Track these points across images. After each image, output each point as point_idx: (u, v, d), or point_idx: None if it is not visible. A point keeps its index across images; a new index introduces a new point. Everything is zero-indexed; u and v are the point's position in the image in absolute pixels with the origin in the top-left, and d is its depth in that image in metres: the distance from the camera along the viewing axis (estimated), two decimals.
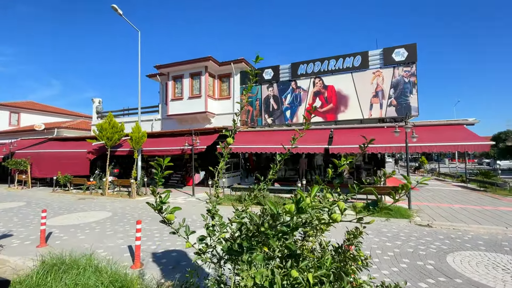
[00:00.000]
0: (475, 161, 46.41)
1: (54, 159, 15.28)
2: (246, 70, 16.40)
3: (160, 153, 13.76)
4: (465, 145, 9.18)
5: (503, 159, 30.85)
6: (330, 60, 14.11)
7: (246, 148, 12.57)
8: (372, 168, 15.08)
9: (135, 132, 12.41)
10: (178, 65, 16.11)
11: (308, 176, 16.17)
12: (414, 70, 12.67)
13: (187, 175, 16.41)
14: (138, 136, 12.39)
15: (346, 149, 10.61)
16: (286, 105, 15.04)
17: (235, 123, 2.25)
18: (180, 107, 16.37)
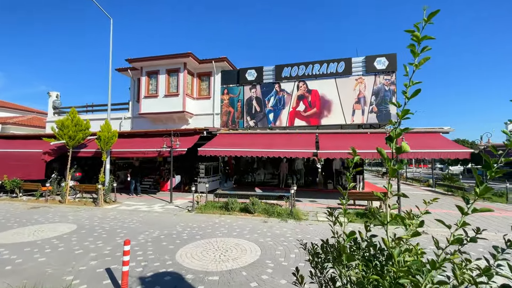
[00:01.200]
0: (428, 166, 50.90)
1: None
2: (228, 69, 15.70)
3: (132, 155, 12.37)
4: (447, 152, 9.59)
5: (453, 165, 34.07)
6: (315, 65, 14.06)
7: (226, 151, 11.85)
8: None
9: (104, 131, 10.95)
10: (154, 59, 14.84)
11: (289, 181, 15.94)
12: (394, 79, 13.13)
13: (161, 179, 15.09)
14: (108, 136, 10.95)
15: (336, 154, 10.47)
16: (269, 108, 14.63)
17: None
18: (154, 106, 15.08)
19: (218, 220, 8.36)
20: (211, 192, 12.07)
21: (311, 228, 7.50)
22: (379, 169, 37.52)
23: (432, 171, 16.99)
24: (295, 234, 6.88)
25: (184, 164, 17.44)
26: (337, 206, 10.35)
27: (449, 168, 33.50)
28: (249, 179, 16.88)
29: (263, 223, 8.01)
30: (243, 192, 10.81)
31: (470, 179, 24.58)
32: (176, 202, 11.22)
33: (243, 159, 17.04)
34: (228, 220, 8.35)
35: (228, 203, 9.29)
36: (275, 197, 9.91)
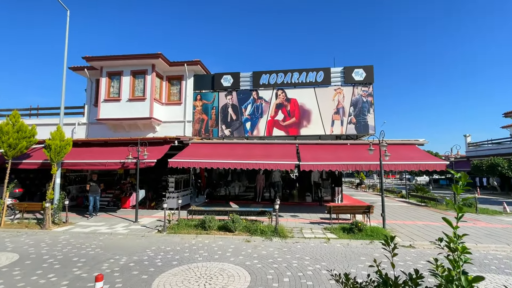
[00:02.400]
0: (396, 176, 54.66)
1: None
2: (202, 73, 15.34)
3: (90, 167, 11.24)
4: (427, 164, 10.26)
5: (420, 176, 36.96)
6: (294, 73, 14.36)
7: (200, 162, 11.40)
8: (330, 185, 15.67)
9: (55, 139, 9.78)
10: (117, 59, 13.93)
11: (266, 194, 15.78)
12: (371, 90, 13.91)
13: (122, 194, 13.92)
14: (61, 145, 9.80)
15: (320, 166, 10.60)
16: (246, 116, 14.50)
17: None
18: (116, 110, 14.05)
19: (195, 241, 7.83)
20: (183, 208, 11.40)
21: (299, 246, 7.35)
22: (352, 180, 39.27)
23: (405, 182, 18.09)
24: (283, 254, 6.66)
25: (149, 176, 16.41)
26: (321, 220, 10.39)
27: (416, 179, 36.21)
28: (222, 193, 16.38)
29: (246, 243, 7.67)
30: (221, 208, 10.36)
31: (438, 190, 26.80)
32: (142, 221, 10.35)
33: (216, 171, 16.55)
34: (206, 241, 7.86)
35: (204, 221, 8.79)
36: (256, 213, 9.64)
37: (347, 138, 14.68)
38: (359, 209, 9.74)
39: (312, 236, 8.18)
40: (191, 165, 11.30)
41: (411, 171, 39.22)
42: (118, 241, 7.89)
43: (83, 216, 11.40)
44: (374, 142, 9.81)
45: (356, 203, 15.05)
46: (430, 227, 9.50)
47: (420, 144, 12.65)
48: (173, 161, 11.21)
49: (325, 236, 8.15)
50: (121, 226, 9.59)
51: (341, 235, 8.21)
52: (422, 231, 8.90)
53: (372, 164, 10.42)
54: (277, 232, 8.20)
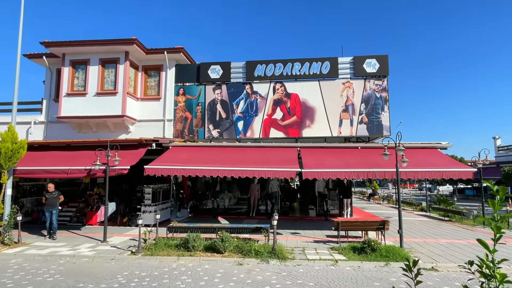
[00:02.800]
0: (415, 185, 55.32)
1: None
2: (185, 63, 15.33)
3: (49, 175, 11.12)
4: (449, 171, 10.39)
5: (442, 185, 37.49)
6: (295, 63, 14.44)
7: (182, 169, 11.36)
8: (337, 196, 15.74)
9: (6, 141, 9.59)
10: (83, 45, 13.85)
11: (262, 207, 15.76)
12: (386, 84, 14.07)
13: (87, 208, 13.73)
14: (13, 148, 9.61)
15: (326, 173, 10.63)
16: (238, 114, 14.51)
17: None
18: (81, 107, 13.96)
19: (176, 265, 7.75)
20: (161, 225, 11.28)
21: (301, 270, 7.33)
22: (363, 190, 39.55)
23: (426, 192, 18.30)
24: (282, 280, 6.63)
25: (120, 186, 16.25)
26: (327, 239, 10.40)
27: (438, 189, 36.66)
28: (209, 206, 16.31)
29: (237, 266, 7.62)
30: (208, 224, 10.29)
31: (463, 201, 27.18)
32: (112, 240, 10.21)
33: (202, 180, 16.47)
34: (190, 264, 7.79)
35: (188, 240, 8.72)
36: (250, 230, 9.64)
37: (357, 140, 14.80)
38: (372, 224, 9.77)
39: (316, 257, 8.17)
40: (171, 172, 11.20)
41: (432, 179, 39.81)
42: (82, 266, 7.75)
43: (40, 234, 11.18)
44: (390, 146, 9.87)
45: (368, 218, 15.14)
46: (455, 246, 9.59)
47: (443, 147, 12.81)
48: (150, 168, 11.10)
49: (332, 257, 8.15)
50: (86, 246, 9.44)
51: (351, 256, 8.22)
52: (446, 250, 8.97)
53: (387, 172, 10.50)
54: (275, 253, 8.17)
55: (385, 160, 9.94)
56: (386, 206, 23.30)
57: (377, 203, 25.64)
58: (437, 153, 12.34)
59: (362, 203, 26.31)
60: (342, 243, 9.44)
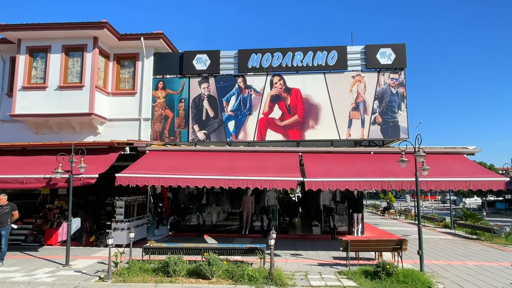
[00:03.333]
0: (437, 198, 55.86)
1: None
2: (166, 51, 15.36)
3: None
4: (478, 181, 10.48)
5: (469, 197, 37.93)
6: (296, 53, 14.54)
7: (161, 178, 11.33)
8: (346, 210, 15.81)
9: None
10: (43, 28, 13.81)
11: (257, 223, 15.76)
12: (403, 78, 14.23)
13: (46, 225, 13.61)
14: None
15: (332, 183, 10.67)
16: (228, 113, 14.55)
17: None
18: (40, 103, 13.93)
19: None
20: (136, 245, 11.21)
21: None
22: (377, 203, 39.78)
23: (450, 206, 18.48)
24: None
25: (87, 199, 16.16)
26: (334, 261, 10.43)
27: (464, 202, 37.05)
28: (193, 222, 16.25)
29: None
30: (192, 244, 10.26)
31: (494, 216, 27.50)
32: (76, 263, 10.13)
33: (185, 191, 16.40)
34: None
35: (168, 263, 8.67)
36: (243, 251, 9.62)
37: (369, 144, 14.91)
38: (387, 244, 9.81)
39: (321, 283, 8.17)
40: (148, 182, 11.14)
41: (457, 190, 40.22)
42: None
43: None
44: (408, 151, 9.98)
45: (383, 236, 15.23)
46: (485, 269, 9.68)
47: (469, 153, 12.97)
48: (123, 177, 11.04)
49: (340, 283, 8.16)
50: (45, 271, 9.34)
51: (362, 282, 8.23)
52: (475, 275, 9.04)
53: (404, 181, 10.56)
54: (272, 278, 8.15)
55: (402, 168, 10.03)
56: (404, 222, 23.44)
57: (393, 219, 25.78)
58: (463, 160, 12.48)
59: (376, 218, 26.44)
60: (352, 267, 9.45)
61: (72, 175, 10.27)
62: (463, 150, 12.96)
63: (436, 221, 20.17)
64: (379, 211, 31.70)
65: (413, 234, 15.95)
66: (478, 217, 18.10)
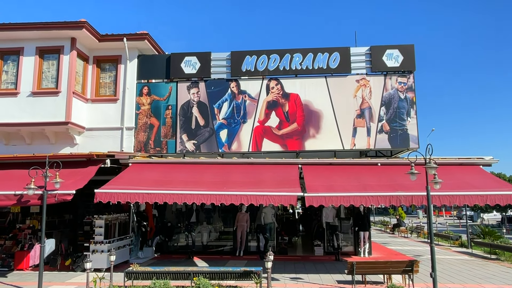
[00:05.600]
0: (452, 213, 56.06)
1: None
2: (151, 54, 15.47)
3: None
4: (496, 194, 10.56)
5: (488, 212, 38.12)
6: (294, 55, 14.73)
7: (146, 194, 11.34)
8: (351, 228, 15.84)
9: None
10: (15, 29, 13.95)
11: (253, 243, 15.75)
12: (412, 82, 14.45)
13: (16, 247, 13.53)
14: None
15: (336, 198, 10.71)
16: (220, 121, 14.66)
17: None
18: (10, 110, 14.02)
19: None
20: (118, 269, 11.16)
21: None
22: (385, 220, 39.79)
23: (466, 222, 18.57)
24: None
25: (62, 218, 16.07)
26: (338, 285, 10.44)
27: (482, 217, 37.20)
28: (182, 242, 16.20)
29: None
30: (179, 268, 10.23)
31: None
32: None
33: (173, 208, 16.39)
34: None
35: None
36: (237, 275, 9.58)
37: (376, 155, 15.02)
38: (397, 266, 9.83)
39: None
40: (131, 198, 11.11)
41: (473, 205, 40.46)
42: None
43: None
44: (418, 162, 10.04)
45: (393, 257, 15.23)
46: None
47: (486, 164, 13.10)
48: (103, 192, 11.01)
49: None
50: None
51: None
52: None
53: (414, 196, 10.63)
54: None
55: (412, 181, 10.09)
56: (416, 240, 23.46)
57: (404, 237, 25.79)
58: (479, 171, 12.60)
59: (384, 236, 26.45)
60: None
61: (46, 191, 10.21)
62: (479, 161, 13.10)
63: (451, 239, 20.23)
64: (388, 229, 31.67)
65: (426, 254, 15.98)
66: (498, 235, 18.21)
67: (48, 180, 10.31)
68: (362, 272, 10.00)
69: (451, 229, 29.99)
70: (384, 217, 44.57)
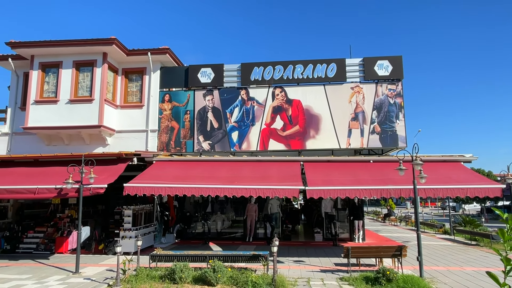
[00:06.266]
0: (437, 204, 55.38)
1: None
2: (172, 66, 15.51)
3: (11, 196, 11.07)
4: (475, 188, 10.40)
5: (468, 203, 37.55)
6: (296, 66, 14.61)
7: (167, 188, 11.34)
8: (347, 217, 15.69)
9: None
10: (54, 45, 14.02)
11: (260, 231, 15.67)
12: (401, 89, 14.24)
13: (57, 233, 13.60)
14: None
15: (333, 191, 10.63)
16: (232, 124, 14.59)
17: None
18: (51, 116, 14.06)
19: None
20: (143, 253, 11.18)
21: None
22: (377, 210, 39.45)
23: (449, 212, 18.28)
24: None
25: (96, 208, 16.18)
26: (335, 268, 10.33)
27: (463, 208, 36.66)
28: (199, 230, 16.19)
29: None
30: (197, 251, 10.20)
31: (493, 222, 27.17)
32: (86, 271, 10.10)
33: (191, 200, 16.39)
34: None
35: (174, 270, 8.63)
36: (247, 258, 9.56)
37: (369, 153, 14.87)
38: (387, 250, 9.72)
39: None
40: (155, 191, 11.16)
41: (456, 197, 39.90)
42: None
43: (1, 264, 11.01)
44: (406, 159, 9.93)
45: (383, 243, 15.06)
46: (484, 275, 9.51)
47: (466, 161, 12.87)
48: (131, 186, 11.06)
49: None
50: (56, 279, 9.32)
51: (363, 287, 8.13)
52: (474, 281, 8.92)
53: (403, 189, 10.51)
54: (275, 284, 8.08)
55: (401, 176, 9.99)
56: (404, 228, 23.19)
57: (394, 225, 25.53)
58: (460, 167, 12.40)
59: (376, 225, 26.20)
60: (353, 273, 9.37)
61: (82, 185, 10.29)
62: (460, 158, 12.88)
63: (435, 227, 19.94)
64: (380, 218, 31.36)
65: (413, 241, 15.76)
66: (477, 223, 17.91)
67: (84, 176, 10.38)
68: (356, 256, 9.89)
69: (435, 218, 29.66)
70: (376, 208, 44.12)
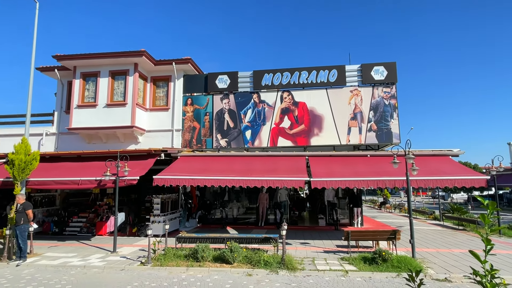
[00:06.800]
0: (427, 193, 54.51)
1: None
2: (193, 73, 15.66)
3: (60, 186, 11.44)
4: (461, 179, 10.33)
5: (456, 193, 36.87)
6: (302, 72, 14.61)
7: (190, 179, 11.56)
8: (347, 205, 15.69)
9: (20, 153, 9.95)
10: (93, 57, 14.30)
11: (271, 217, 15.81)
12: (394, 91, 14.11)
13: (97, 218, 14.01)
14: (26, 160, 9.96)
15: (335, 182, 10.69)
16: (245, 123, 14.70)
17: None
18: (91, 118, 14.36)
19: (186, 276, 7.87)
20: (170, 235, 11.45)
21: (310, 281, 7.37)
22: (374, 199, 39.13)
23: (439, 200, 18.07)
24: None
25: (129, 197, 16.56)
26: (337, 249, 10.41)
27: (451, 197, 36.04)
28: (217, 216, 16.42)
29: (247, 277, 7.70)
30: (216, 234, 10.42)
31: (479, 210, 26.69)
32: (121, 250, 10.41)
33: (210, 190, 16.63)
34: (199, 275, 7.90)
35: (197, 250, 8.84)
36: (259, 240, 9.70)
37: (366, 148, 14.81)
38: (383, 234, 9.75)
39: (326, 268, 8.19)
40: (180, 182, 11.40)
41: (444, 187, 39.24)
42: (93, 276, 7.93)
43: (52, 244, 11.45)
44: (399, 154, 9.91)
45: (380, 227, 15.04)
46: (470, 256, 9.45)
47: (454, 155, 12.73)
48: (159, 178, 11.33)
49: (343, 268, 8.17)
50: (97, 257, 9.63)
51: (361, 266, 8.21)
52: (461, 261, 8.89)
53: (397, 180, 10.50)
54: (284, 263, 8.22)
55: (395, 168, 9.99)
56: (398, 215, 23.04)
57: (389, 212, 25.35)
58: (449, 161, 12.27)
59: (373, 212, 26.06)
60: (353, 253, 9.43)
61: (118, 177, 10.58)
62: (448, 152, 12.74)
63: (426, 214, 19.76)
64: (376, 206, 31.15)
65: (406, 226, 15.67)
66: (464, 211, 17.69)
67: (119, 169, 10.65)
68: (355, 239, 9.94)
69: (426, 206, 29.25)
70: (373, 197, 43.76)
